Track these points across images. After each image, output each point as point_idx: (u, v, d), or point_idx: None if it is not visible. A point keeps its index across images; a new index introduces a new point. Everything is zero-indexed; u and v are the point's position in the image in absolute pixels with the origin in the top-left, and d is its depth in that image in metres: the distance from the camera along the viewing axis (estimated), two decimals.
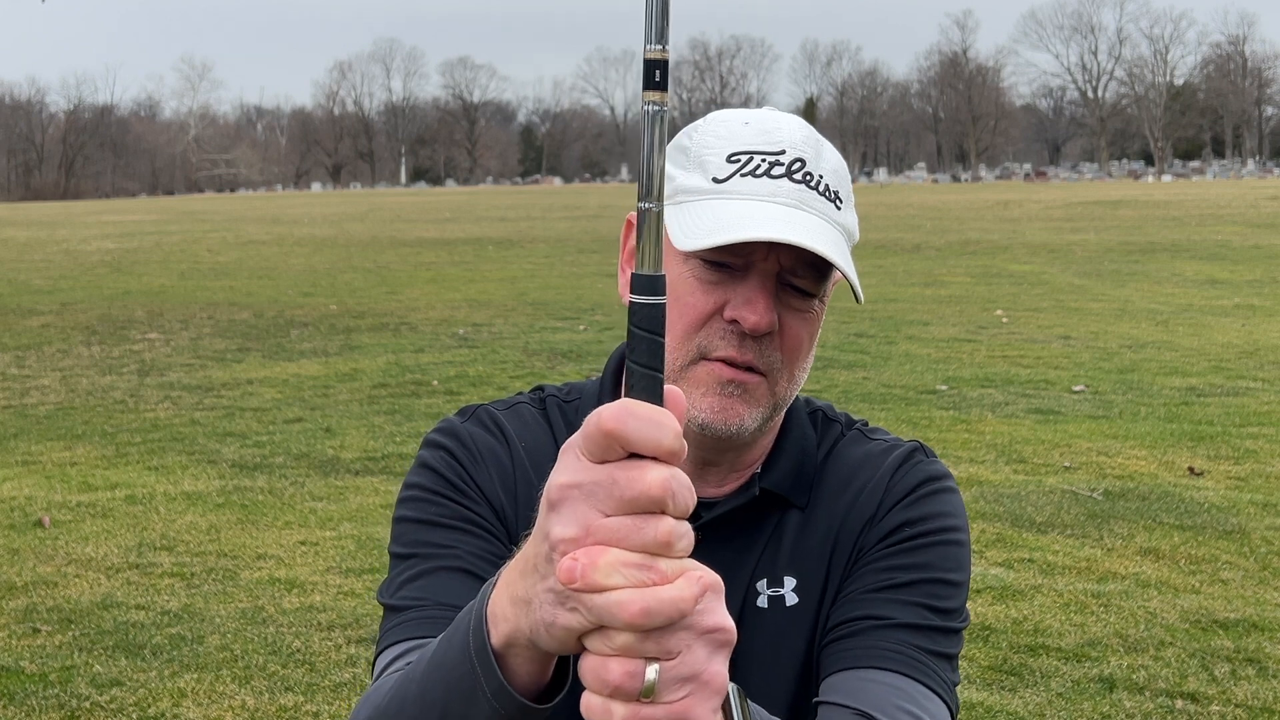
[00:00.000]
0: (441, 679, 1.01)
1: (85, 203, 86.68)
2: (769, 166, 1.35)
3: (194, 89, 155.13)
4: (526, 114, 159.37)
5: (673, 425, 0.84)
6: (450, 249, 27.96)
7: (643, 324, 0.86)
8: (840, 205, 1.38)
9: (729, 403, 1.35)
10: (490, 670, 0.96)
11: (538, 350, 12.73)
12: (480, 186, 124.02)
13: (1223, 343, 12.92)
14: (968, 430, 8.85)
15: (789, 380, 1.39)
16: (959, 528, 1.42)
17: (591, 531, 0.84)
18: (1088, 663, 4.82)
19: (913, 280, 19.66)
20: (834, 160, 1.40)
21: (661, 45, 0.84)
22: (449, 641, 1.02)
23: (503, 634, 0.94)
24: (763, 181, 1.34)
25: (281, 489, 7.45)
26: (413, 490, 1.43)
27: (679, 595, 0.83)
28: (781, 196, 1.34)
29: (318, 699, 4.57)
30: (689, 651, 0.85)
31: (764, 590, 1.41)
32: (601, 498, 0.84)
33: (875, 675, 1.30)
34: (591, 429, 0.84)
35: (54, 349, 13.52)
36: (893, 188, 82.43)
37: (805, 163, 1.36)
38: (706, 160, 1.37)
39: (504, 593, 0.94)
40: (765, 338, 1.35)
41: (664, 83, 0.85)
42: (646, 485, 0.83)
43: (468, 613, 1.00)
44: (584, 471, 0.85)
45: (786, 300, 1.36)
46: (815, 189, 1.35)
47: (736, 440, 1.39)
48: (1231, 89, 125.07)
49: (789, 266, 1.34)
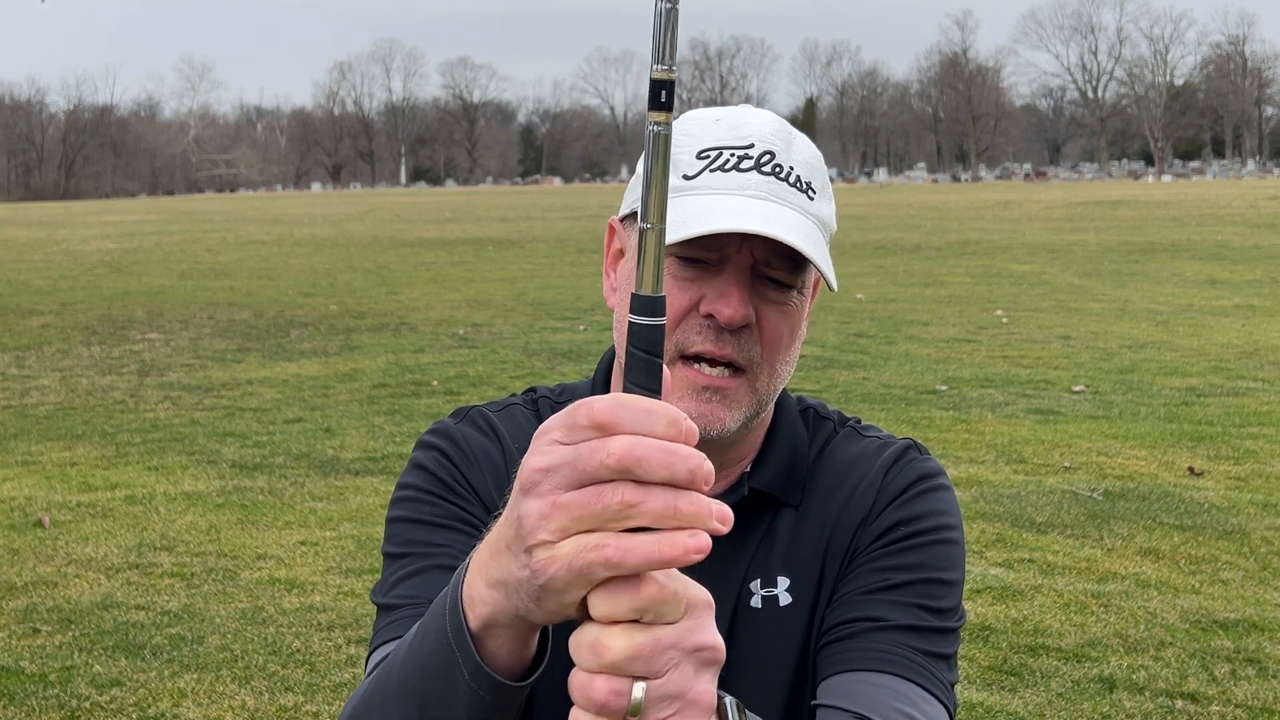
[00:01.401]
0: (420, 665, 1.02)
1: (85, 203, 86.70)
2: (738, 160, 1.35)
3: (194, 89, 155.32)
4: (526, 114, 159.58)
5: (666, 413, 0.83)
6: (450, 249, 27.96)
7: (641, 345, 0.85)
8: (813, 196, 1.37)
9: (708, 408, 1.34)
10: (468, 653, 0.95)
11: (538, 350, 12.73)
12: (480, 187, 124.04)
13: (1223, 343, 12.92)
14: (968, 430, 8.85)
15: (770, 374, 1.38)
16: (953, 526, 1.42)
17: (556, 506, 0.83)
18: (1088, 663, 4.82)
19: (913, 280, 19.66)
20: (806, 152, 1.40)
21: (668, 65, 0.84)
22: (424, 629, 1.02)
23: (481, 616, 0.94)
24: (731, 175, 1.34)
25: (281, 489, 7.45)
26: (406, 490, 1.43)
27: (646, 542, 0.82)
28: (751, 189, 1.34)
29: (318, 699, 4.57)
30: (676, 670, 0.85)
31: (758, 590, 1.41)
32: (566, 474, 0.83)
33: (873, 678, 1.29)
34: (579, 420, 0.83)
35: (54, 349, 13.52)
36: (893, 188, 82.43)
37: (774, 155, 1.36)
38: (678, 159, 1.37)
39: (478, 575, 0.94)
40: (743, 331, 1.34)
41: (669, 103, 0.84)
42: (605, 455, 0.81)
43: (442, 599, 1.00)
44: (559, 454, 0.84)
45: (763, 293, 1.36)
46: (785, 180, 1.35)
47: (719, 441, 1.38)
48: (1231, 89, 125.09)
49: (763, 258, 1.34)
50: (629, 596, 0.84)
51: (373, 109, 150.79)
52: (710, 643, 0.87)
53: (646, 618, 0.84)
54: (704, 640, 0.86)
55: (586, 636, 0.85)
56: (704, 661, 0.87)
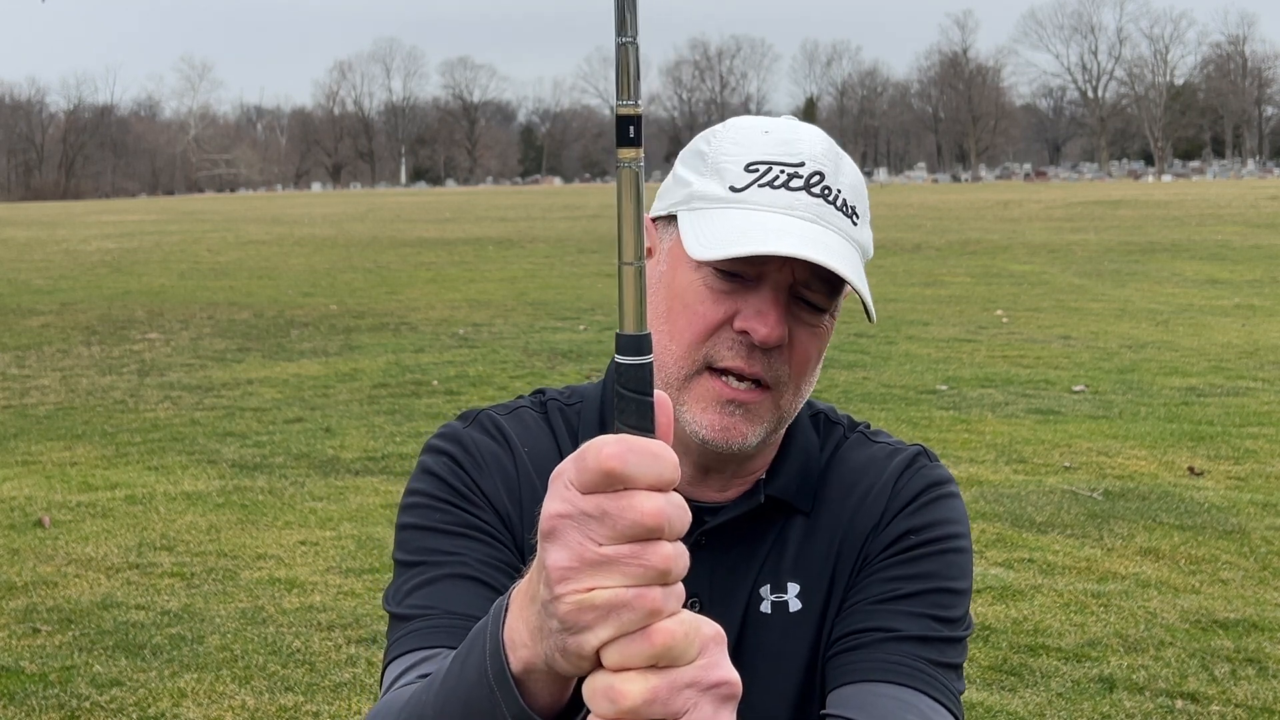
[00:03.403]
0: (460, 700, 1.00)
1: (85, 203, 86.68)
2: (788, 178, 1.33)
3: (194, 89, 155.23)
4: (526, 114, 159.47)
5: (671, 458, 0.83)
6: (450, 249, 27.96)
7: (630, 385, 0.84)
8: (857, 221, 1.36)
9: (730, 421, 1.34)
10: (511, 696, 0.95)
11: (538, 350, 12.73)
12: (480, 186, 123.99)
13: (1223, 343, 12.92)
14: (968, 430, 8.85)
15: (795, 394, 1.37)
16: (962, 534, 1.42)
17: (585, 560, 0.84)
18: (1088, 663, 4.82)
19: (913, 280, 19.66)
20: (853, 175, 1.39)
21: (634, 101, 0.83)
22: (464, 664, 1.01)
23: (523, 660, 0.94)
24: (780, 193, 1.32)
25: (281, 489, 7.45)
26: (416, 496, 1.42)
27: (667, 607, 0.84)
28: (800, 210, 1.32)
29: (318, 699, 4.57)
30: (696, 710, 0.85)
31: (767, 596, 1.40)
32: (594, 528, 0.83)
33: (883, 689, 1.30)
34: (589, 464, 0.83)
35: (54, 349, 13.52)
36: (893, 188, 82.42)
37: (824, 176, 1.34)
38: (724, 167, 1.35)
39: (520, 620, 0.94)
40: (774, 351, 1.33)
41: (638, 138, 0.83)
42: (640, 515, 0.82)
43: (480, 633, 0.99)
44: (575, 501, 0.84)
45: (797, 314, 1.35)
46: (833, 204, 1.34)
47: (738, 456, 1.38)
48: (1231, 89, 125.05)
49: (802, 280, 1.33)
50: (644, 644, 0.84)
51: (373, 109, 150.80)
52: (726, 678, 0.86)
53: (661, 663, 0.84)
54: (720, 676, 0.86)
55: (600, 683, 0.85)
56: (722, 698, 0.86)
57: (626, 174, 0.84)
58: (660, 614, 0.83)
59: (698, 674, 0.84)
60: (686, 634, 0.84)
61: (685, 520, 0.84)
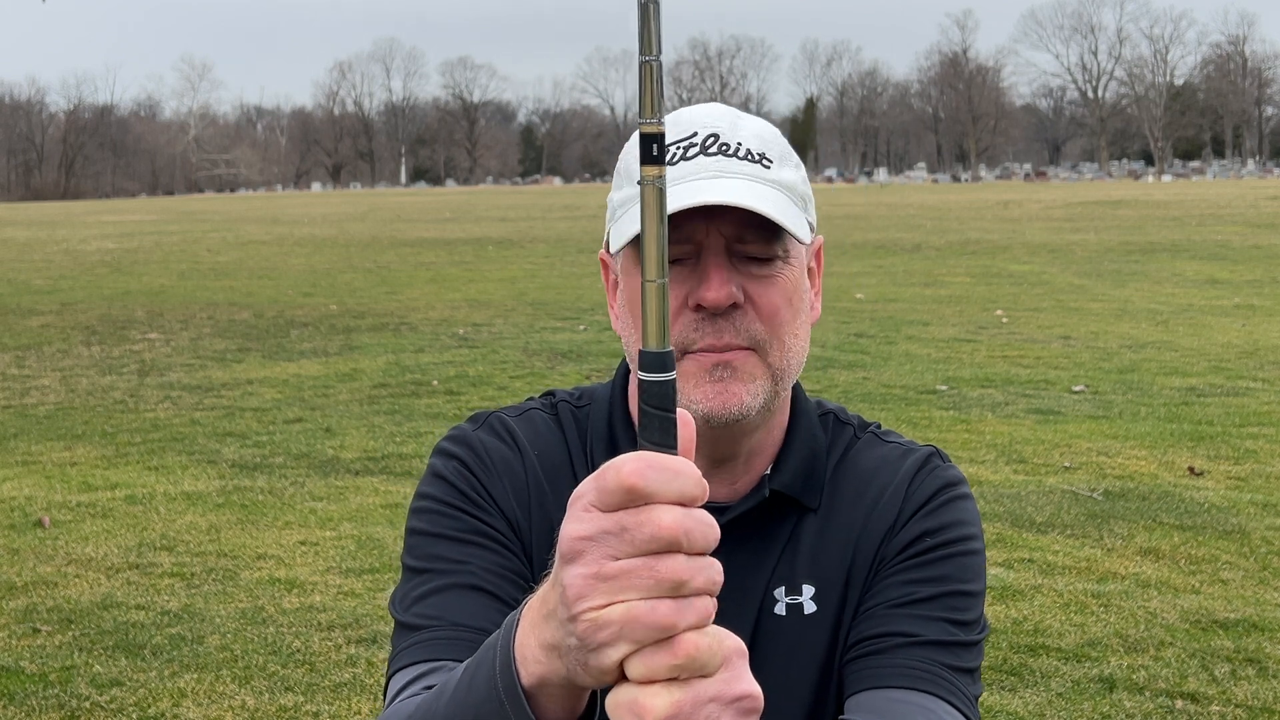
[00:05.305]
0: (470, 716, 1.01)
1: (85, 203, 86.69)
2: (683, 151, 1.34)
3: (194, 89, 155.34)
4: (526, 114, 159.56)
5: (693, 473, 0.84)
6: (450, 249, 27.96)
7: (653, 402, 0.84)
8: (769, 165, 1.35)
9: (721, 386, 1.33)
10: (522, 711, 0.95)
11: (538, 350, 12.73)
12: (480, 186, 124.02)
13: (1223, 343, 12.92)
14: (968, 430, 8.85)
15: (781, 349, 1.36)
16: (975, 536, 1.42)
17: (600, 576, 0.84)
18: (1088, 663, 4.82)
19: (913, 280, 19.66)
20: (755, 126, 1.39)
21: (657, 119, 0.83)
22: (474, 678, 1.01)
23: (534, 675, 0.94)
24: (679, 166, 1.33)
25: (281, 489, 7.45)
26: (425, 501, 1.41)
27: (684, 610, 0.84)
28: (701, 173, 1.32)
29: (318, 699, 4.57)
30: None
31: (782, 598, 1.40)
32: (613, 544, 0.84)
33: (901, 695, 1.30)
34: (609, 484, 0.83)
35: (54, 349, 13.52)
36: (893, 188, 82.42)
37: (719, 135, 1.35)
38: (630, 169, 1.37)
39: (531, 636, 0.94)
40: (737, 313, 1.33)
41: (661, 156, 0.83)
42: (657, 528, 0.82)
43: (491, 647, 0.99)
44: (596, 521, 0.84)
45: (745, 270, 1.34)
46: (735, 156, 1.34)
47: (744, 424, 1.36)
48: (1231, 89, 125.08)
49: (734, 235, 1.32)
50: (667, 656, 0.84)
51: (373, 109, 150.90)
52: (749, 691, 0.86)
53: (684, 675, 0.84)
54: (742, 689, 0.86)
55: (624, 697, 0.85)
56: (744, 711, 0.86)
57: (650, 191, 0.84)
58: (674, 628, 0.83)
59: (721, 688, 0.85)
60: (710, 646, 0.84)
61: (709, 534, 0.84)
